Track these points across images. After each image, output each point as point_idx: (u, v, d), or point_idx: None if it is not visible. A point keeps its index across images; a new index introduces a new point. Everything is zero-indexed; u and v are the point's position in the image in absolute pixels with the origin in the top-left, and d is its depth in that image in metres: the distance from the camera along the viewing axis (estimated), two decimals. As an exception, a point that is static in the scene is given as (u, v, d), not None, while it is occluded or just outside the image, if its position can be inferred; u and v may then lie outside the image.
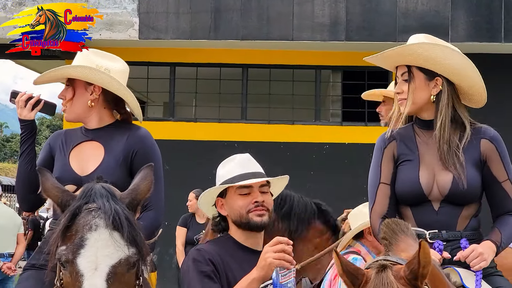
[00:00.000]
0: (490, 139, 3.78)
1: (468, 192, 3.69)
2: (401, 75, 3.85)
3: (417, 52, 3.76)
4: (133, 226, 2.79)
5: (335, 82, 14.39)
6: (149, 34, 12.99)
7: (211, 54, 13.64)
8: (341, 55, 13.54)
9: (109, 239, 2.71)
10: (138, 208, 2.97)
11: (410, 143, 3.84)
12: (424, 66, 3.78)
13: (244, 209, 3.57)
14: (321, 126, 13.89)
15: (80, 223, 2.75)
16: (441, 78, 3.79)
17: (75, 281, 2.68)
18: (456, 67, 3.78)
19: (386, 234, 2.97)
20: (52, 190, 2.95)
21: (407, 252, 2.82)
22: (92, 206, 2.79)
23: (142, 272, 2.85)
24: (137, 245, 2.76)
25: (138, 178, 3.02)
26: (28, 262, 3.82)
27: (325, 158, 13.45)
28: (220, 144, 11.56)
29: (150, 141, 3.94)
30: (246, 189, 3.62)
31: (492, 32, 12.64)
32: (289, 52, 13.57)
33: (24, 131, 3.83)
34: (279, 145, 13.56)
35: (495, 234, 3.67)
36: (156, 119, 15.00)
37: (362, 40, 12.76)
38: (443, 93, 3.78)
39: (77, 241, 2.71)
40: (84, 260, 2.68)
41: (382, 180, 3.84)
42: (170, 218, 9.76)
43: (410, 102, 3.77)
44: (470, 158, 3.74)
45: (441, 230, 3.69)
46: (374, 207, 3.83)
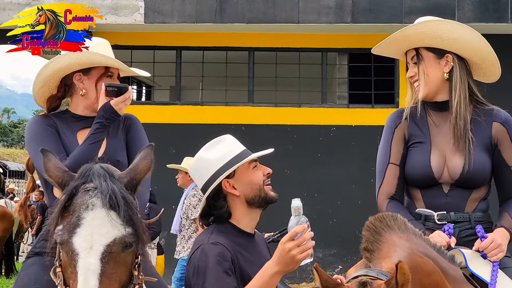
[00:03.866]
0: (502, 122, 3.75)
1: (478, 176, 3.69)
2: (411, 59, 3.83)
3: (422, 31, 3.72)
4: (130, 206, 2.78)
5: (341, 64, 14.36)
6: (154, 18, 12.98)
7: (217, 37, 13.62)
8: (347, 37, 13.51)
9: (105, 218, 2.71)
10: (138, 187, 2.96)
11: (422, 124, 3.82)
12: (432, 45, 3.75)
13: (261, 181, 3.54)
14: (328, 108, 13.88)
15: (77, 203, 2.75)
16: (451, 55, 3.76)
17: (71, 260, 2.69)
18: (465, 39, 3.73)
19: (367, 241, 2.97)
20: (53, 170, 2.95)
21: (389, 259, 2.84)
22: (90, 185, 2.80)
23: (140, 252, 2.85)
24: (133, 224, 2.76)
25: (138, 158, 3.02)
26: (32, 249, 3.83)
27: (332, 140, 13.46)
28: (227, 127, 11.54)
29: (140, 124, 4.04)
30: (255, 163, 3.58)
31: (499, 13, 12.59)
32: (295, 35, 13.56)
33: (110, 123, 3.87)
34: (286, 127, 13.57)
35: (506, 219, 3.67)
36: (163, 103, 15.01)
37: (368, 22, 12.73)
38: (455, 68, 3.75)
39: (73, 221, 2.72)
40: (79, 239, 2.68)
41: (392, 160, 3.82)
42: (177, 202, 9.79)
43: (423, 84, 3.75)
44: (481, 141, 3.72)
45: (449, 211, 3.69)
46: (382, 187, 3.82)
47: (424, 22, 3.77)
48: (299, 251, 3.15)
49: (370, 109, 13.45)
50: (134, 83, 18.46)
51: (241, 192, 3.53)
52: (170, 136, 13.32)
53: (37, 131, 3.89)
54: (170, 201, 11.52)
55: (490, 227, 3.74)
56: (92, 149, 3.75)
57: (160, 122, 13.49)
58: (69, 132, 3.90)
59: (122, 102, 3.84)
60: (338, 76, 14.53)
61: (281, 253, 3.18)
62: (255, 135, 12.23)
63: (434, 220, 3.69)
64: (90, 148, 3.75)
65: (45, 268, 3.15)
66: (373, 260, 2.90)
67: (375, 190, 3.87)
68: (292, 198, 3.29)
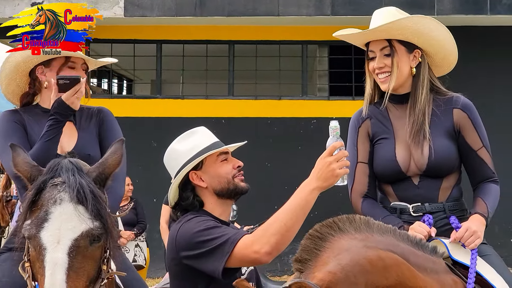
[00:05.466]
0: (462, 108, 3.78)
1: (445, 164, 3.71)
2: (380, 50, 3.83)
3: (407, 26, 3.74)
4: (98, 200, 2.78)
5: (321, 57, 14.38)
6: (134, 12, 12.93)
7: (197, 31, 13.60)
8: (328, 29, 13.44)
9: (72, 212, 2.71)
10: (107, 182, 2.96)
11: (384, 120, 3.85)
12: (409, 40, 3.78)
13: (230, 174, 3.54)
14: (308, 101, 13.90)
15: (45, 197, 2.76)
16: (419, 50, 3.80)
17: (38, 254, 2.69)
18: (441, 38, 3.80)
19: (303, 250, 2.90)
20: (22, 165, 2.95)
21: (325, 266, 2.79)
22: (58, 180, 2.80)
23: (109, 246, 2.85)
24: (101, 218, 2.76)
25: (108, 153, 3.03)
26: (5, 245, 3.80)
27: (313, 132, 13.47)
28: (208, 120, 11.55)
29: (113, 116, 4.00)
30: (225, 156, 3.59)
31: (478, 5, 12.64)
32: (275, 28, 13.56)
33: (65, 118, 3.76)
34: (266, 120, 13.58)
35: (480, 205, 3.69)
36: (144, 96, 14.98)
37: (348, 15, 12.74)
38: (423, 64, 3.80)
39: (41, 215, 2.72)
40: (47, 234, 2.68)
41: (360, 159, 3.86)
42: (159, 195, 9.80)
43: (395, 76, 3.77)
44: (444, 129, 3.75)
45: (423, 203, 3.72)
46: (354, 187, 3.86)
47: (410, 18, 3.78)
48: (338, 166, 3.15)
49: (351, 101, 13.46)
50: (115, 77, 18.41)
51: (209, 184, 3.54)
52: (151, 130, 13.30)
53: (3, 127, 3.87)
54: (151, 194, 11.52)
55: (465, 215, 3.77)
56: (48, 146, 3.70)
57: (141, 116, 13.47)
58: (38, 127, 3.86)
59: (73, 95, 3.75)
60: (318, 69, 14.54)
61: (321, 167, 3.16)
62: (236, 128, 12.25)
63: (409, 213, 3.72)
64: (46, 145, 3.70)
65: (18, 263, 3.16)
66: (306, 270, 2.84)
67: (348, 190, 3.89)
68: (273, 190, 3.32)
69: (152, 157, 9.90)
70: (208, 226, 3.29)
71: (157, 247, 10.14)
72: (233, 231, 3.26)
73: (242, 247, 3.14)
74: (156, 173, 9.93)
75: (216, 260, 3.17)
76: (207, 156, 3.53)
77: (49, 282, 2.62)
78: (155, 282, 10.61)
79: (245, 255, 3.13)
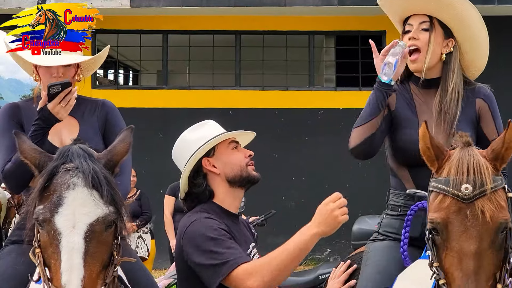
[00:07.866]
0: (484, 98, 3.77)
1: None
2: (419, 23, 3.77)
3: (455, 6, 3.68)
4: (111, 185, 2.78)
5: (328, 47, 14.35)
6: (140, 2, 12.92)
7: (203, 21, 13.58)
8: (334, 20, 13.49)
9: (87, 197, 2.71)
10: (115, 169, 2.96)
11: (409, 101, 3.81)
12: (449, 23, 3.71)
13: (243, 162, 3.56)
14: (315, 91, 13.88)
15: (58, 183, 2.74)
16: (454, 40, 3.76)
17: (52, 239, 2.67)
18: (478, 35, 3.80)
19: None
20: (29, 151, 2.93)
21: None
22: (70, 165, 2.79)
23: (120, 232, 2.85)
24: (115, 204, 2.76)
25: (117, 140, 3.02)
26: (9, 238, 3.80)
27: (320, 123, 13.46)
28: (214, 111, 11.55)
29: (117, 110, 3.98)
30: (235, 144, 3.62)
31: (485, -6, 12.59)
32: (282, 18, 13.52)
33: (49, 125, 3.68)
34: (273, 111, 13.56)
35: None
36: (150, 87, 14.98)
37: (355, 5, 12.70)
38: (454, 54, 3.76)
39: (54, 200, 2.70)
40: (62, 218, 2.67)
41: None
42: (165, 186, 9.80)
43: (429, 54, 3.71)
44: (467, 118, 3.73)
45: None
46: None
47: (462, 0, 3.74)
48: (341, 212, 3.20)
49: (358, 91, 13.44)
50: (122, 68, 18.40)
51: (221, 170, 3.56)
52: (157, 121, 13.29)
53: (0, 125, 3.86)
54: (158, 185, 11.51)
55: None
56: None
57: (148, 107, 13.47)
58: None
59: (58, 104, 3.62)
60: (325, 59, 14.51)
61: (324, 213, 3.21)
62: (242, 119, 12.22)
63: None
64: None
65: (22, 256, 3.14)
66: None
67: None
68: (280, 181, 3.31)
69: (159, 148, 9.90)
70: (216, 236, 3.32)
71: (164, 238, 10.12)
72: (236, 251, 3.30)
73: (238, 276, 3.23)
74: (163, 164, 9.93)
75: (211, 278, 3.27)
76: (219, 143, 3.56)
77: (66, 266, 2.61)
78: (161, 273, 10.61)
79: (238, 284, 3.24)
